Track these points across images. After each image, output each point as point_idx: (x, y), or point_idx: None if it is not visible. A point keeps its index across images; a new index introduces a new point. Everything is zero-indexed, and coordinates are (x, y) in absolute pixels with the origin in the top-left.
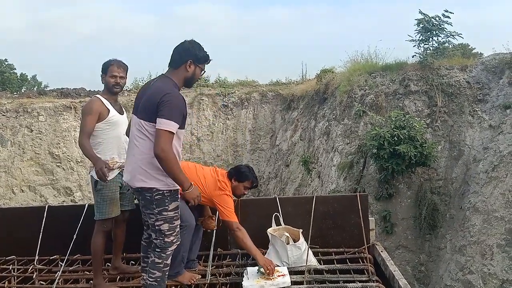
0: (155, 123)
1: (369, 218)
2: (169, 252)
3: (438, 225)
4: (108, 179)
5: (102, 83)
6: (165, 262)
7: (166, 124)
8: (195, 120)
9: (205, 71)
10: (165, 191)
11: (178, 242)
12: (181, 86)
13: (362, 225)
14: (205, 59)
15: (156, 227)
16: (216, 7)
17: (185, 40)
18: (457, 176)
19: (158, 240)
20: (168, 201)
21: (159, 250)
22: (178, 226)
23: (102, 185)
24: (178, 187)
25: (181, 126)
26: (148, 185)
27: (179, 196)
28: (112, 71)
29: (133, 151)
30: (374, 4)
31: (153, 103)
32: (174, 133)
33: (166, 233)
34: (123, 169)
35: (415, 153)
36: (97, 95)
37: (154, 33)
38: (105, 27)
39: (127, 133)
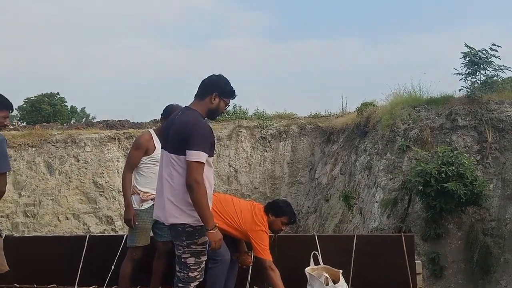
0: (185, 155)
1: (416, 261)
2: None
3: (491, 269)
4: (141, 208)
5: (160, 123)
6: None
7: (196, 155)
8: (233, 151)
9: (229, 105)
10: (196, 226)
11: (201, 279)
12: (205, 117)
13: (408, 268)
14: (231, 93)
15: (182, 260)
16: (249, 39)
17: (213, 74)
18: (511, 217)
19: (182, 274)
20: (198, 235)
21: (181, 285)
22: (203, 262)
23: (136, 215)
24: None
25: (210, 154)
26: (181, 221)
27: None
28: None
29: (164, 187)
30: (416, 37)
31: (182, 137)
32: (204, 163)
33: (191, 267)
34: None
35: (465, 191)
36: (150, 130)
37: (187, 66)
38: (141, 61)
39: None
